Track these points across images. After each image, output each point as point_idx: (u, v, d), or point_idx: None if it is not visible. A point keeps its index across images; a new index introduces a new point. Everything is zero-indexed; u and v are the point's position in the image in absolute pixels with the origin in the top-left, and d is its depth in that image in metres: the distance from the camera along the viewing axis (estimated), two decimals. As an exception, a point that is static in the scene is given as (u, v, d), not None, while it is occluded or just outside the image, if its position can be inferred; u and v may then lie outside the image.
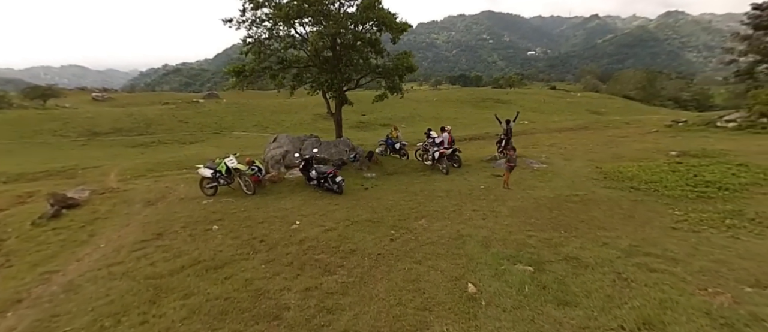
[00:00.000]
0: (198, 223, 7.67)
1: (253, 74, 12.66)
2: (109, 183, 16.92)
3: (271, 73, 12.59)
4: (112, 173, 20.33)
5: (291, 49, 13.53)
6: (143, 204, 9.56)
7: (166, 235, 6.92)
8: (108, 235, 7.23)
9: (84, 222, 8.01)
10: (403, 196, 9.37)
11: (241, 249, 6.14)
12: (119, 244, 6.52)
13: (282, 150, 12.46)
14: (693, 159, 13.34)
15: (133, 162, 23.83)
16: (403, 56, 14.09)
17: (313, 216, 7.92)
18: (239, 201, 9.51)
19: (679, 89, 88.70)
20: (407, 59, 13.97)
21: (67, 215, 8.54)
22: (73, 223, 7.91)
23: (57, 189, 11.31)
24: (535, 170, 11.95)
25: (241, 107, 49.75)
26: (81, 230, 7.55)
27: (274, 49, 13.22)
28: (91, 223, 7.95)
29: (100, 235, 7.23)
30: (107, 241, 6.88)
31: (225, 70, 13.28)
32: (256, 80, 13.41)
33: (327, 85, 11.66)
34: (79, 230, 7.55)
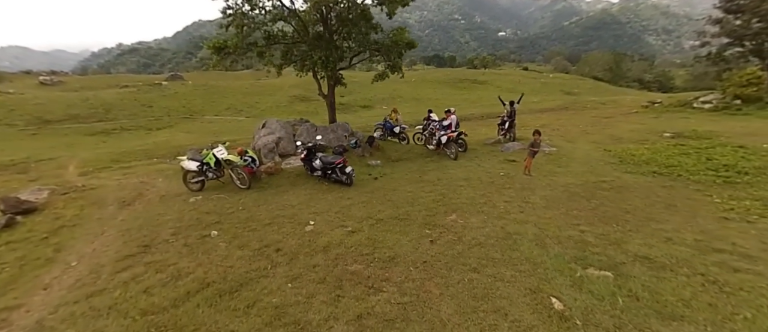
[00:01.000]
0: (191, 228, 6.42)
1: (236, 51, 11.03)
2: (69, 178, 14.95)
3: (258, 49, 11.02)
4: (71, 166, 18.00)
5: (280, 22, 11.93)
6: (118, 205, 8.06)
7: (155, 247, 5.67)
8: (80, 249, 5.85)
9: (46, 232, 6.50)
10: (420, 187, 8.51)
11: (254, 262, 5.06)
12: (96, 262, 5.21)
13: (274, 137, 11.13)
14: (691, 140, 13.39)
15: (94, 152, 21.31)
16: (399, 32, 12.93)
17: (328, 215, 6.90)
18: (234, 197, 8.26)
19: (642, 71, 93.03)
20: (403, 35, 12.85)
21: (24, 223, 6.95)
22: (32, 235, 6.40)
23: (7, 189, 9.51)
24: (546, 154, 11.45)
25: (210, 89, 46.42)
26: (43, 243, 6.07)
27: (259, 22, 11.59)
28: (55, 233, 6.46)
29: (69, 249, 5.83)
30: (80, 258, 5.52)
31: (206, 45, 11.53)
32: (240, 58, 11.76)
33: (322, 62, 10.37)
34: (41, 243, 6.08)
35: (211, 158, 8.73)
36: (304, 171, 9.62)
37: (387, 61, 12.58)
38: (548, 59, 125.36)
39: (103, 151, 21.78)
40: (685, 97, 28.37)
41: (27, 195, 8.56)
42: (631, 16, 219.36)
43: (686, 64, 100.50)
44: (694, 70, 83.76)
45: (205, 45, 11.57)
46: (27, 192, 8.93)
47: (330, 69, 11.76)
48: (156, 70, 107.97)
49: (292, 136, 11.65)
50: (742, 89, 22.93)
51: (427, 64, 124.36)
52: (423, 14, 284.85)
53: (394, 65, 12.53)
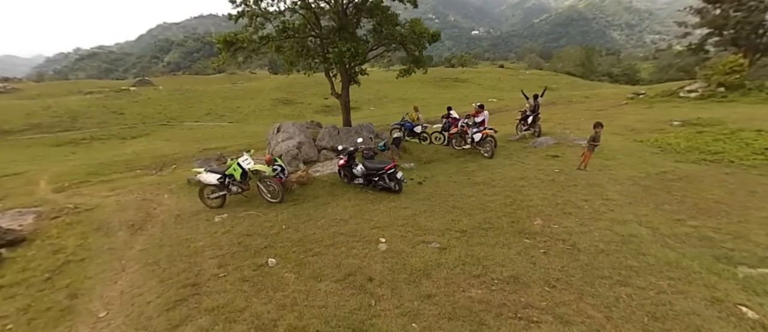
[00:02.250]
0: (239, 257, 5.23)
1: (250, 45, 9.65)
2: (44, 196, 13.07)
3: (275, 43, 9.68)
4: (43, 181, 15.86)
5: (301, 12, 10.49)
6: (127, 230, 6.66)
7: (205, 285, 4.46)
8: (103, 293, 4.53)
9: (48, 270, 5.09)
10: (478, 189, 7.68)
11: (349, 297, 4.01)
12: (138, 313, 3.95)
13: (294, 141, 9.95)
14: (705, 127, 13.41)
15: (65, 165, 19.02)
16: (416, 22, 12.02)
17: (396, 229, 5.91)
18: (268, 213, 7.08)
19: (611, 65, 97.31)
20: (420, 26, 11.96)
21: (14, 260, 5.44)
22: (30, 275, 4.96)
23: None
24: (582, 147, 10.95)
25: (185, 94, 43.73)
26: (49, 287, 4.68)
27: (274, 13, 10.25)
28: (60, 272, 5.06)
29: (88, 294, 4.50)
30: (108, 305, 4.24)
31: (215, 39, 10.05)
32: (254, 53, 10.37)
33: (350, 55, 9.27)
34: (46, 287, 4.68)
35: (235, 169, 7.47)
36: (339, 179, 8.55)
37: (411, 54, 11.62)
38: (521, 56, 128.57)
39: (76, 163, 19.53)
40: (670, 87, 29.22)
41: (7, 222, 6.98)
42: (596, 12, 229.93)
43: (649, 57, 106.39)
44: (659, 63, 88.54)
45: (214, 39, 10.13)
46: (5, 217, 7.32)
47: (358, 63, 10.67)
48: (119, 76, 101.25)
49: (312, 141, 10.52)
50: (726, 77, 23.69)
51: (404, 63, 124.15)
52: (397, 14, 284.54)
53: (418, 60, 11.60)
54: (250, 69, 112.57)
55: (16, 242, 6.09)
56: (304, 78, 65.12)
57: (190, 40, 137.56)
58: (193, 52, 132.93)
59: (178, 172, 14.93)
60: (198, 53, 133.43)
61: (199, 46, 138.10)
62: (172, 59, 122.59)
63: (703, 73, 26.46)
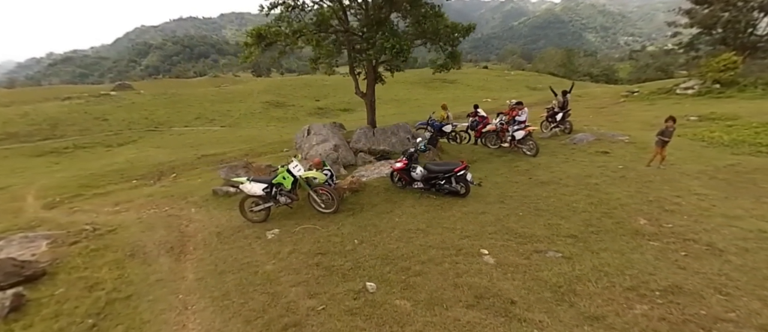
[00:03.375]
0: (326, 283, 4.36)
1: (285, 40, 8.68)
2: (34, 213, 11.75)
3: (314, 37, 8.64)
4: (30, 196, 14.35)
5: (330, 3, 9.59)
6: (168, 254, 5.66)
7: (308, 324, 3.60)
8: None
9: (89, 314, 4.01)
10: (551, 189, 7.12)
11: (503, 328, 3.29)
12: None
13: (330, 144, 9.12)
14: (727, 121, 13.46)
15: (52, 177, 17.42)
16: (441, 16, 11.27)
17: (490, 237, 5.23)
18: (328, 226, 6.23)
19: (590, 66, 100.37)
20: (445, 19, 11.26)
21: (40, 302, 4.35)
22: (69, 322, 3.86)
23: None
24: (627, 143, 10.65)
25: (172, 98, 41.75)
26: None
27: (311, 5, 9.21)
28: (105, 316, 4.00)
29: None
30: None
31: (247, 33, 9.01)
32: (288, 49, 9.36)
33: (394, 51, 8.47)
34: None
35: (286, 178, 6.57)
36: (389, 184, 7.79)
37: (445, 49, 10.96)
38: (502, 58, 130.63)
39: (64, 174, 17.91)
40: (665, 85, 29.81)
41: (16, 251, 5.87)
42: (572, 15, 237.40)
43: (624, 58, 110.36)
44: (636, 63, 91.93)
45: (246, 33, 9.10)
46: (11, 245, 6.18)
47: (401, 60, 9.90)
48: (95, 80, 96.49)
49: (346, 143, 9.72)
50: (720, 74, 24.25)
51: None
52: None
53: (453, 54, 10.96)
54: (233, 72, 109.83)
55: (36, 277, 5.01)
56: (293, 80, 64.36)
57: (169, 43, 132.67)
58: (173, 56, 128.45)
59: (184, 182, 13.79)
60: (178, 56, 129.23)
61: (178, 49, 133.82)
62: (151, 63, 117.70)
63: (698, 71, 27.09)
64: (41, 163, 21.03)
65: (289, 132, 29.18)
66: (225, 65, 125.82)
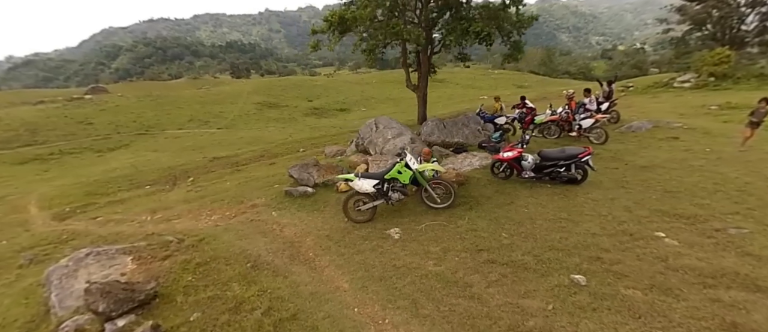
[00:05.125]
0: (523, 281, 3.82)
1: (363, 24, 7.85)
2: (45, 225, 10.53)
3: (393, 24, 7.83)
4: (32, 207, 12.84)
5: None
6: (296, 263, 4.82)
7: (558, 329, 3.04)
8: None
9: None
10: (659, 173, 6.84)
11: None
12: None
13: (407, 138, 8.48)
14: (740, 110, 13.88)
15: (49, 185, 15.74)
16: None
17: (656, 221, 4.94)
18: (456, 220, 5.64)
19: (568, 64, 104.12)
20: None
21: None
22: None
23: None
24: (686, 129, 10.63)
25: (157, 100, 39.44)
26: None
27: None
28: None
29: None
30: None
31: (325, 17, 8.12)
32: (367, 33, 8.51)
33: (483, 34, 7.89)
34: None
35: (402, 172, 5.87)
36: (489, 176, 7.26)
37: (506, 40, 10.56)
38: (482, 58, 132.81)
39: (61, 182, 16.27)
40: (661, 79, 30.86)
41: (104, 270, 4.89)
42: (546, 15, 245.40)
43: (597, 57, 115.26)
44: (612, 62, 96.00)
45: (324, 17, 8.21)
46: (86, 262, 5.15)
47: (488, 45, 9.31)
48: (60, 85, 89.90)
49: (416, 135, 9.10)
50: (715, 67, 25.25)
51: (371, 66, 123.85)
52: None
53: (517, 45, 10.57)
54: (210, 73, 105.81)
55: (148, 301, 4.11)
56: (282, 81, 62.76)
57: (140, 45, 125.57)
58: (145, 58, 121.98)
59: (209, 186, 12.75)
60: (150, 59, 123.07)
61: (150, 51, 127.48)
62: (121, 66, 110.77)
63: (693, 65, 28.16)
64: (27, 171, 19.01)
65: (293, 133, 28.08)
66: (201, 67, 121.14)
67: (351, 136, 22.05)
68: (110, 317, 3.83)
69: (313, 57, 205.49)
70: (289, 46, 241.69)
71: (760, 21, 24.30)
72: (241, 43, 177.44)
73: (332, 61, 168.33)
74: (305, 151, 18.01)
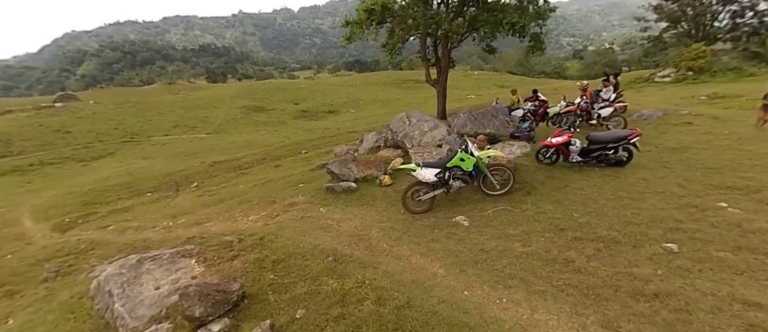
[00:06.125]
0: (623, 254, 3.90)
1: (406, 12, 7.64)
2: (44, 237, 9.89)
3: (430, 14, 7.68)
4: (26, 219, 11.96)
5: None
6: (375, 254, 4.68)
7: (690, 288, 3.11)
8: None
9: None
10: (692, 153, 7.16)
11: None
12: None
13: (443, 130, 8.47)
14: (734, 98, 14.81)
15: (38, 197, 14.73)
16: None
17: (714, 194, 5.17)
18: (520, 206, 5.67)
19: (544, 64, 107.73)
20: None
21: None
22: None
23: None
24: (695, 115, 11.16)
25: (137, 106, 37.80)
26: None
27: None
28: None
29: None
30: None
31: (359, 7, 7.90)
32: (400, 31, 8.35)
33: (518, 26, 7.91)
34: None
35: (465, 159, 5.83)
36: (533, 163, 7.37)
37: (522, 34, 10.72)
38: (460, 59, 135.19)
39: (52, 193, 15.28)
40: (642, 74, 32.34)
41: (171, 276, 4.57)
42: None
43: (569, 57, 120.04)
44: (585, 61, 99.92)
45: (364, 7, 7.98)
46: (154, 271, 4.79)
47: (521, 37, 9.34)
48: (22, 93, 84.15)
49: (446, 127, 9.10)
50: (693, 62, 26.76)
51: (349, 69, 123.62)
52: (335, 20, 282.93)
53: (537, 38, 10.75)
54: (184, 78, 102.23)
55: (238, 302, 3.85)
56: (265, 84, 61.47)
57: (107, 50, 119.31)
58: (113, 63, 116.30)
59: (221, 189, 12.35)
60: (119, 64, 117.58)
61: (118, 56, 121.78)
62: (88, 72, 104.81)
63: (672, 61, 29.67)
64: (8, 183, 17.67)
65: (288, 136, 27.53)
66: (174, 72, 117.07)
67: (350, 136, 21.89)
68: (203, 322, 3.55)
69: (291, 60, 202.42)
70: (265, 49, 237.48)
71: (730, 18, 25.90)
72: (215, 46, 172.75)
73: (310, 65, 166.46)
74: (307, 152, 17.69)
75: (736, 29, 26.15)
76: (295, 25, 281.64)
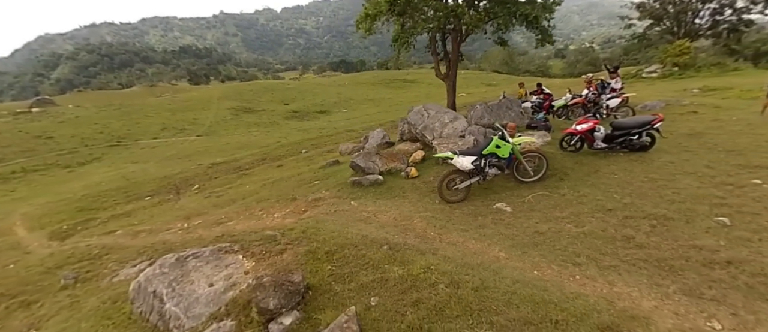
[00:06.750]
0: (679, 229, 4.01)
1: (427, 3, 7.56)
2: (41, 246, 9.47)
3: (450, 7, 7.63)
4: (19, 228, 11.39)
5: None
6: (429, 242, 4.63)
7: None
8: None
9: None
10: (709, 137, 7.39)
11: None
12: None
13: (462, 122, 8.47)
14: (723, 91, 15.47)
15: (27, 204, 14.02)
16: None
17: (743, 174, 5.34)
18: (558, 190, 5.72)
19: (528, 63, 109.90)
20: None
21: (377, 320, 3.18)
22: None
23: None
24: (697, 105, 11.56)
25: (124, 109, 36.55)
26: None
27: None
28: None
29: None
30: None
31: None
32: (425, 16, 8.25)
33: (532, 17, 7.98)
34: None
35: (501, 146, 5.83)
36: (556, 150, 7.47)
37: (530, 26, 10.87)
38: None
39: (42, 200, 14.61)
40: (629, 70, 33.22)
41: (222, 273, 4.38)
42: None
43: (551, 56, 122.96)
44: (567, 60, 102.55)
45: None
46: (201, 268, 4.58)
47: (535, 28, 9.42)
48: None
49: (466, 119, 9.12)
50: (678, 58, 27.74)
51: (335, 69, 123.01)
52: (319, 20, 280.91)
53: (545, 31, 10.90)
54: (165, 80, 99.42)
55: (305, 293, 3.71)
56: (253, 85, 60.45)
57: (83, 53, 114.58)
58: (89, 66, 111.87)
59: (229, 190, 12.08)
60: (95, 67, 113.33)
61: (95, 58, 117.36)
62: (63, 75, 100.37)
63: (658, 57, 30.58)
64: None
65: (283, 136, 27.09)
66: (155, 74, 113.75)
67: (349, 135, 21.75)
68: (273, 316, 3.41)
69: (275, 61, 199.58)
70: (247, 50, 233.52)
71: (710, 15, 26.95)
72: (196, 47, 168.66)
73: (295, 65, 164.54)
74: (308, 152, 17.48)
75: (716, 26, 27.24)
76: (278, 26, 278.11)
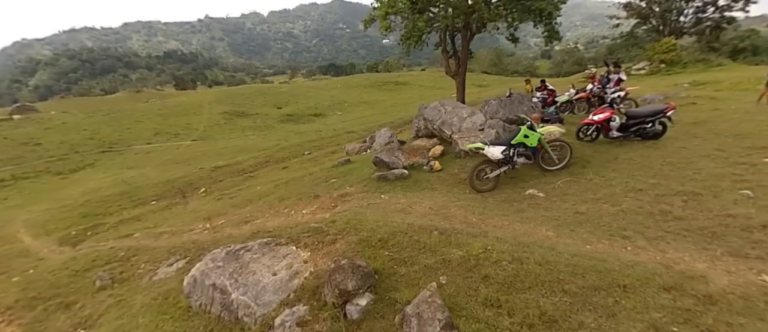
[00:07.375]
0: (706, 203, 4.35)
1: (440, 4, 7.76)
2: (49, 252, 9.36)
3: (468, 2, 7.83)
4: (23, 235, 11.14)
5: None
6: (473, 226, 4.79)
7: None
8: None
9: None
10: (713, 126, 7.78)
11: None
12: None
13: (480, 117, 8.69)
14: (714, 84, 16.22)
15: (26, 211, 13.65)
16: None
17: (759, 154, 5.67)
18: (585, 175, 6.02)
19: (516, 64, 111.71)
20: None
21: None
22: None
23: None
24: (694, 97, 12.09)
25: (113, 115, 35.82)
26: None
27: None
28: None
29: None
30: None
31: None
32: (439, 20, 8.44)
33: (545, 13, 8.27)
34: None
35: (529, 135, 6.08)
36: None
37: (537, 22, 11.23)
38: (433, 61, 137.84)
39: (43, 207, 14.33)
40: (617, 69, 33.82)
41: (282, 263, 4.46)
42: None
43: (537, 57, 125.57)
44: (554, 60, 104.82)
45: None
46: (260, 260, 4.63)
47: (546, 24, 9.72)
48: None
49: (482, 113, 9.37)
50: (664, 55, 28.68)
51: (324, 73, 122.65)
52: (307, 24, 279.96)
53: (553, 29, 11.25)
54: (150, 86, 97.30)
55: (373, 279, 3.83)
56: (244, 89, 60.11)
57: (62, 59, 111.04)
58: (69, 72, 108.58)
59: (242, 191, 12.08)
60: (76, 73, 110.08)
61: (76, 64, 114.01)
62: (42, 82, 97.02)
63: (644, 55, 31.54)
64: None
65: (282, 139, 26.95)
66: (139, 80, 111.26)
67: (349, 137, 21.83)
68: (348, 298, 3.52)
69: (262, 66, 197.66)
70: (234, 54, 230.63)
71: (694, 13, 28.06)
72: (182, 52, 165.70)
73: (284, 69, 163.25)
74: (311, 153, 17.55)
75: (699, 24, 28.35)
76: (265, 30, 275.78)
